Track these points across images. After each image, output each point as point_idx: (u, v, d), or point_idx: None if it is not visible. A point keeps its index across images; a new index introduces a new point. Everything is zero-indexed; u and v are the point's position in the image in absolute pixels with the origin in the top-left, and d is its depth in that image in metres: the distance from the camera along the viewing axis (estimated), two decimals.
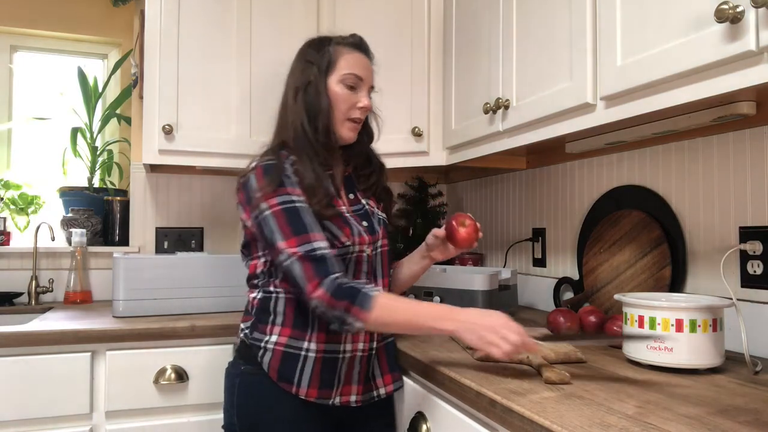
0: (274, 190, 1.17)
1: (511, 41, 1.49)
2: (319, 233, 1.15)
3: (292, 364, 1.18)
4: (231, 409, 1.24)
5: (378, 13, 1.94)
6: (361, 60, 1.30)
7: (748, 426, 0.76)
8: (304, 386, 1.18)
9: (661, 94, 1.04)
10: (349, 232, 1.21)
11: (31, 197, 2.25)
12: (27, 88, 2.36)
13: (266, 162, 1.21)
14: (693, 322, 1.02)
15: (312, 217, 1.16)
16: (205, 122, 1.89)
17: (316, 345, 1.19)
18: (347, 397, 1.21)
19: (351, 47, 1.31)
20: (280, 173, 1.19)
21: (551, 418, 0.79)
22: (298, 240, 1.13)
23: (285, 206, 1.16)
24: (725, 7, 0.86)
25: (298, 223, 1.15)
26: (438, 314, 1.08)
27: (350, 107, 1.28)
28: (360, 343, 1.22)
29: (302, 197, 1.18)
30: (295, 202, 1.17)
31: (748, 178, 1.25)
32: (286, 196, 1.17)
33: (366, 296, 1.08)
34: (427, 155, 1.90)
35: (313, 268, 1.11)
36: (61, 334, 1.46)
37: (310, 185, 1.19)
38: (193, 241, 2.21)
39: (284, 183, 1.18)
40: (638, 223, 1.49)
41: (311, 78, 1.27)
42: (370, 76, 1.32)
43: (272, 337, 1.20)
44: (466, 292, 1.64)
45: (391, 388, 1.27)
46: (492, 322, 1.02)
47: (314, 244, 1.13)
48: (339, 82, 1.27)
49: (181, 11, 1.87)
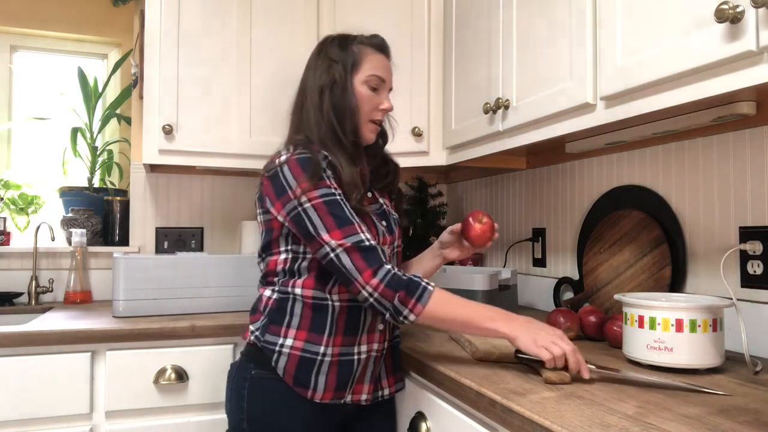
0: (315, 184, 1.14)
1: (511, 41, 1.49)
2: (363, 225, 1.14)
3: (309, 369, 1.16)
4: (240, 413, 1.20)
5: (378, 14, 1.94)
6: (383, 62, 1.30)
7: (748, 426, 0.76)
8: (320, 390, 1.16)
9: (661, 94, 1.04)
10: (375, 232, 1.21)
11: (31, 197, 2.25)
12: (27, 88, 2.36)
13: (300, 155, 1.17)
14: (693, 322, 1.02)
15: (352, 211, 1.15)
16: (205, 122, 1.89)
17: (332, 349, 1.17)
18: (358, 396, 1.21)
19: (375, 48, 1.30)
20: (317, 166, 1.16)
21: (551, 418, 0.79)
22: (345, 231, 1.11)
23: (326, 199, 1.13)
24: (725, 7, 0.86)
25: (342, 215, 1.13)
26: (493, 315, 1.09)
27: (373, 109, 1.28)
28: (375, 344, 1.22)
29: (340, 191, 1.16)
30: (335, 194, 1.15)
31: (748, 178, 1.25)
32: (327, 189, 1.14)
33: (424, 289, 1.08)
34: (427, 155, 1.90)
35: (365, 257, 1.09)
36: (61, 334, 1.46)
37: (348, 181, 1.17)
38: (193, 241, 2.21)
39: (323, 176, 1.15)
40: (638, 223, 1.49)
41: (337, 77, 1.25)
42: (391, 78, 1.32)
43: (287, 341, 1.17)
44: (466, 292, 1.64)
45: (393, 389, 1.27)
46: (546, 328, 1.06)
47: (362, 235, 1.11)
48: (363, 83, 1.26)
49: (181, 11, 1.87)
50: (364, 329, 1.20)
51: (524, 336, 1.04)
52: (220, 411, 1.58)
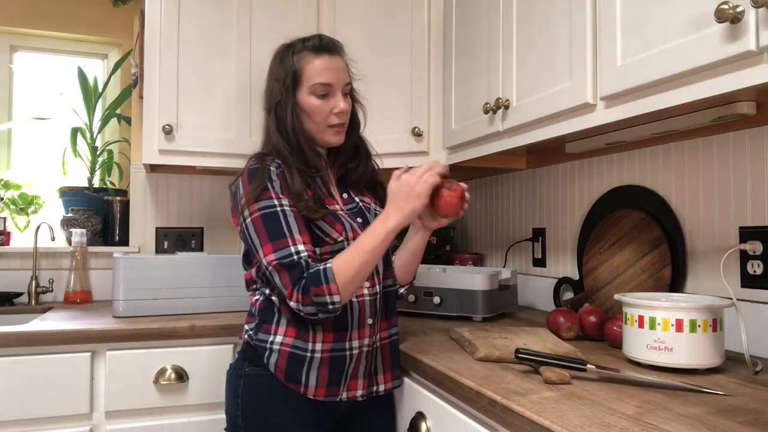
0: (257, 196, 1.17)
1: (511, 41, 1.49)
2: (298, 235, 1.15)
3: (299, 365, 1.18)
4: (235, 410, 1.23)
5: (378, 13, 1.94)
6: (326, 63, 1.25)
7: (748, 426, 0.76)
8: (312, 386, 1.17)
9: (661, 94, 1.04)
10: (341, 228, 1.21)
11: (31, 197, 2.25)
12: (27, 88, 2.36)
13: (251, 167, 1.21)
14: (693, 322, 1.02)
15: (294, 220, 1.16)
16: (205, 122, 1.89)
17: (322, 345, 1.19)
18: (354, 392, 1.21)
19: (314, 51, 1.25)
20: (263, 178, 1.18)
21: (551, 418, 0.79)
22: (274, 246, 1.14)
23: (264, 212, 1.16)
24: (725, 7, 0.86)
25: (275, 228, 1.15)
26: (379, 226, 1.12)
27: (326, 116, 1.25)
28: (366, 339, 1.22)
29: (287, 200, 1.18)
30: (276, 206, 1.16)
31: (748, 178, 1.25)
32: (268, 201, 1.17)
33: (324, 271, 1.10)
34: (427, 155, 1.90)
35: (288, 275, 1.13)
36: (61, 334, 1.46)
37: (296, 190, 1.19)
38: (193, 241, 2.21)
39: (268, 187, 1.18)
40: (638, 223, 1.49)
41: (279, 97, 1.26)
42: (342, 75, 1.26)
43: (278, 338, 1.20)
44: (466, 292, 1.64)
45: (390, 385, 1.27)
46: (406, 183, 1.12)
47: (291, 249, 1.13)
48: (309, 94, 1.25)
49: (181, 11, 1.87)
50: (353, 325, 1.21)
51: (407, 205, 1.11)
52: (220, 411, 1.58)
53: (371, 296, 1.24)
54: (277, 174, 1.20)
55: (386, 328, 1.28)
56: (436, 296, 1.69)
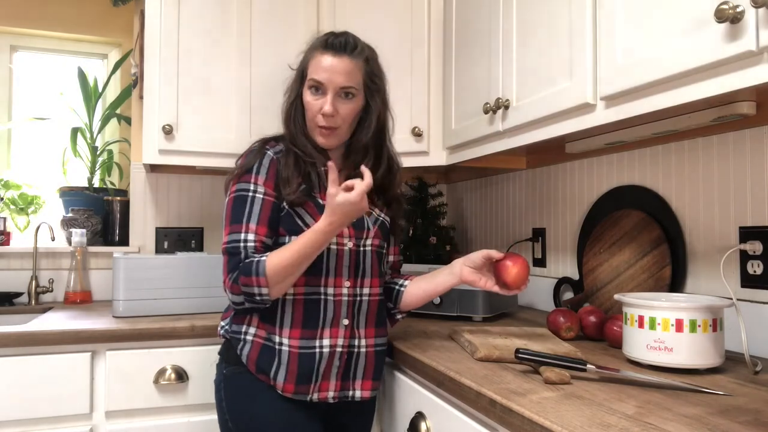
0: (239, 176, 1.21)
1: (511, 41, 1.49)
2: (254, 224, 1.17)
3: (269, 358, 1.19)
4: (222, 413, 1.25)
5: (378, 13, 1.94)
6: (327, 61, 1.21)
7: (748, 426, 0.76)
8: (280, 380, 1.17)
9: (661, 94, 1.04)
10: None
11: (31, 197, 2.25)
12: (27, 88, 2.36)
13: (250, 148, 1.26)
14: (693, 322, 1.02)
15: (260, 208, 1.18)
16: (205, 122, 1.89)
17: (289, 340, 1.18)
18: (325, 393, 1.21)
19: (321, 48, 1.23)
20: (254, 159, 1.22)
21: (551, 418, 0.79)
22: (232, 229, 1.18)
23: (237, 194, 1.20)
24: (725, 7, 0.86)
25: (238, 212, 1.18)
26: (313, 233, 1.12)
27: (315, 114, 1.24)
28: (340, 339, 1.21)
29: (264, 188, 1.19)
30: (249, 191, 1.19)
31: (748, 178, 1.25)
32: (245, 184, 1.20)
33: (258, 262, 1.12)
34: (427, 155, 1.90)
35: (228, 262, 1.16)
36: (61, 334, 1.46)
37: (285, 176, 1.20)
38: (193, 241, 2.20)
39: (251, 170, 1.21)
40: (638, 223, 1.49)
41: (291, 85, 1.30)
42: (339, 77, 1.20)
43: (251, 329, 1.21)
44: (466, 292, 1.64)
45: (368, 394, 1.25)
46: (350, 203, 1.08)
47: (240, 236, 1.16)
48: (308, 89, 1.25)
49: (181, 11, 1.87)
50: (325, 323, 1.21)
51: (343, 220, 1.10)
52: None
53: (349, 297, 1.23)
54: (272, 160, 1.22)
55: (373, 335, 1.27)
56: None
